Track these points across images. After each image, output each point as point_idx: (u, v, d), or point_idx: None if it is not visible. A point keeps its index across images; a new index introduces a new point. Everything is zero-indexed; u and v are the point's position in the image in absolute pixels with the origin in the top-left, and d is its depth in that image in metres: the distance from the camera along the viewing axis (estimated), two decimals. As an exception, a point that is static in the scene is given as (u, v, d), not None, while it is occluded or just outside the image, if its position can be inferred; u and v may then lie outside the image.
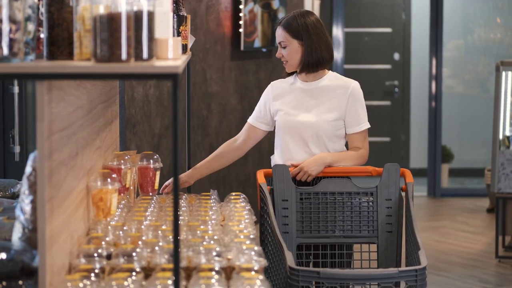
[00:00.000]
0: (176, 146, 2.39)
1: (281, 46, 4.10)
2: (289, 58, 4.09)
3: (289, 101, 4.08)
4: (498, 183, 6.80)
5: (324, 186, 3.91)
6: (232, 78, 7.49)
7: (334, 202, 3.91)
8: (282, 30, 4.08)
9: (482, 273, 6.48)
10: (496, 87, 7.09)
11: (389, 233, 3.90)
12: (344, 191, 3.91)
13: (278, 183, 3.86)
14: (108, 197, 3.11)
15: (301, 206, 3.89)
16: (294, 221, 3.86)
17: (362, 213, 3.91)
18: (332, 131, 4.00)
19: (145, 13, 2.55)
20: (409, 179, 3.90)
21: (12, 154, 5.42)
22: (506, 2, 10.47)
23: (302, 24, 4.06)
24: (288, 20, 4.09)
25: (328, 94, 4.03)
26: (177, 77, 2.38)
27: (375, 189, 3.92)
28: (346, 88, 4.03)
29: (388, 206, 3.91)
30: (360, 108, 4.04)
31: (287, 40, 4.07)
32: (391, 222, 3.90)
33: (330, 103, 4.02)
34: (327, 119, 3.99)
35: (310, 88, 4.07)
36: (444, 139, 9.95)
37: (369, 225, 3.91)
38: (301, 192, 3.90)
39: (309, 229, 3.89)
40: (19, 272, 2.59)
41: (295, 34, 4.06)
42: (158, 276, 2.56)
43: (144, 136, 6.10)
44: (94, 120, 3.28)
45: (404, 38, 10.67)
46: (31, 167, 2.64)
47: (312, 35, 4.05)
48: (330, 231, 3.90)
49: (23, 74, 2.44)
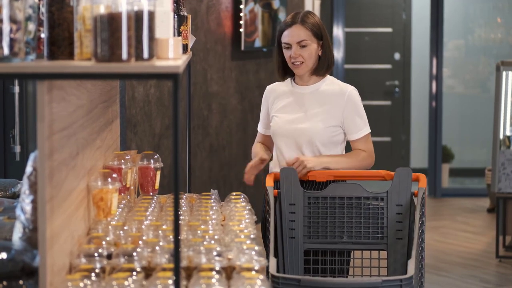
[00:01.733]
0: (176, 146, 2.39)
1: (300, 45, 3.89)
2: (308, 58, 3.90)
3: (284, 105, 3.98)
4: (498, 183, 6.80)
5: (333, 190, 3.79)
6: (233, 78, 7.49)
7: (343, 207, 3.79)
8: (303, 28, 3.88)
9: (482, 273, 6.47)
10: (496, 87, 7.09)
11: (399, 240, 3.75)
12: (353, 196, 3.79)
13: (286, 186, 3.76)
14: (108, 197, 3.11)
15: (308, 210, 3.78)
16: (301, 225, 3.76)
17: (372, 219, 3.78)
18: (328, 138, 3.90)
19: (146, 13, 2.55)
20: (422, 184, 3.75)
21: (13, 153, 5.42)
22: (506, 2, 10.47)
23: (319, 23, 3.94)
24: (304, 18, 3.91)
25: (325, 99, 3.92)
26: (178, 77, 2.38)
27: (385, 194, 3.78)
28: (342, 94, 3.91)
29: (399, 212, 3.77)
30: (357, 115, 3.92)
31: (309, 39, 3.89)
32: (401, 228, 3.76)
33: (326, 109, 3.91)
34: (322, 125, 3.89)
35: (306, 92, 3.96)
36: (445, 139, 9.95)
37: (379, 231, 3.78)
38: (309, 196, 3.78)
39: (316, 234, 3.78)
40: (19, 272, 2.59)
41: (315, 33, 3.90)
42: (158, 276, 2.56)
43: (145, 136, 6.10)
44: (95, 120, 3.28)
45: (404, 38, 10.67)
46: (32, 167, 2.64)
47: (327, 35, 3.95)
48: (338, 237, 3.78)
49: (23, 74, 2.43)
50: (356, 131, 3.94)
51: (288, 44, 3.91)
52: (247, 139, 7.66)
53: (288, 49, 3.91)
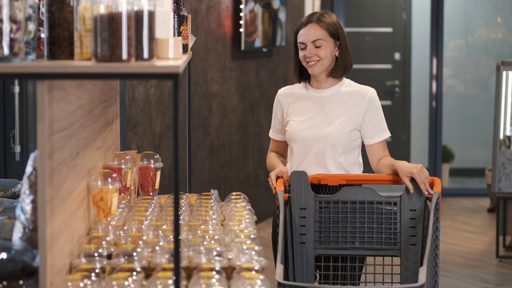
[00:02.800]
0: (176, 146, 2.39)
1: (315, 45, 3.77)
2: (325, 57, 3.77)
3: (301, 109, 3.84)
4: (498, 183, 6.80)
5: (345, 194, 3.68)
6: (233, 78, 7.49)
7: (355, 211, 3.67)
8: (319, 27, 3.77)
9: (482, 273, 6.47)
10: (496, 87, 7.09)
11: (413, 246, 3.63)
12: (365, 200, 3.67)
13: (296, 190, 3.64)
14: (108, 197, 3.11)
15: (319, 215, 3.67)
16: (312, 231, 3.65)
17: (385, 224, 3.67)
18: (348, 142, 3.79)
19: (146, 13, 2.55)
20: (437, 188, 3.62)
21: (13, 153, 5.43)
22: (507, 2, 10.47)
23: (337, 22, 3.83)
24: (320, 17, 3.79)
25: (346, 102, 3.81)
26: (178, 77, 2.38)
27: (398, 199, 3.66)
28: (364, 96, 3.81)
29: (412, 217, 3.65)
30: (378, 118, 3.82)
31: (325, 39, 3.78)
32: (415, 234, 3.64)
33: (347, 112, 3.79)
34: (344, 130, 3.77)
35: (325, 95, 3.84)
36: (445, 139, 9.95)
37: (392, 236, 3.67)
38: (320, 201, 3.67)
39: (327, 240, 3.67)
40: (19, 272, 2.59)
41: (332, 32, 3.79)
42: (158, 276, 2.56)
43: (145, 136, 6.10)
44: (95, 120, 3.28)
45: (404, 38, 10.66)
46: (32, 167, 2.64)
47: (345, 36, 3.84)
48: (349, 243, 3.67)
49: (23, 74, 2.43)
50: (379, 133, 3.83)
51: (304, 44, 3.80)
52: (247, 139, 7.66)
53: (303, 49, 3.80)
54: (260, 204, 7.50)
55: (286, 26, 8.23)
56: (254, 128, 7.75)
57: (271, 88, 8.10)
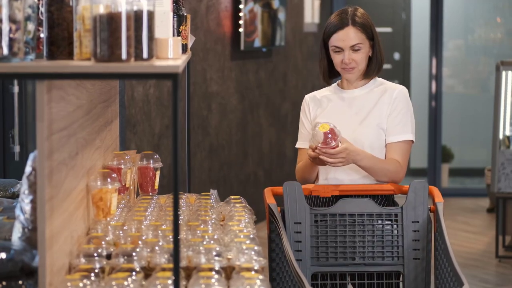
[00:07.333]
0: (176, 146, 2.39)
1: (353, 50, 3.54)
2: (361, 62, 3.55)
3: (330, 112, 3.62)
4: (498, 183, 6.80)
5: (342, 207, 3.44)
6: (232, 78, 7.49)
7: (354, 225, 3.44)
8: (357, 31, 3.54)
9: (482, 273, 6.48)
10: (496, 87, 7.09)
11: (417, 260, 3.43)
12: (365, 213, 3.44)
13: (290, 203, 3.41)
14: (108, 197, 3.11)
15: (316, 229, 3.43)
16: (308, 247, 3.41)
17: (386, 238, 3.45)
18: (378, 143, 3.56)
19: (145, 12, 2.55)
20: (438, 198, 3.48)
21: (12, 153, 5.42)
22: (506, 2, 10.47)
23: (370, 20, 3.58)
24: (355, 18, 3.55)
25: (375, 101, 3.59)
26: (177, 77, 2.38)
27: (400, 210, 3.45)
28: (391, 93, 3.59)
29: (415, 230, 3.44)
30: (407, 114, 3.60)
31: (363, 42, 3.54)
32: (419, 247, 3.43)
33: (376, 111, 3.58)
34: (374, 129, 3.55)
35: (355, 95, 3.63)
36: (444, 139, 9.94)
37: (394, 251, 3.45)
38: (316, 214, 3.43)
39: (325, 256, 3.44)
40: (19, 272, 2.59)
41: (368, 34, 3.56)
42: (158, 276, 2.56)
43: (144, 136, 6.10)
44: (94, 120, 3.28)
45: (404, 38, 10.67)
46: (31, 167, 2.64)
47: (377, 34, 3.61)
48: (349, 258, 3.44)
49: (23, 73, 2.43)
50: (393, 134, 3.58)
51: (340, 48, 3.55)
52: (247, 139, 7.66)
53: (339, 53, 3.56)
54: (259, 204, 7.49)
55: (286, 26, 8.23)
56: (253, 128, 7.75)
57: (270, 88, 8.10)
